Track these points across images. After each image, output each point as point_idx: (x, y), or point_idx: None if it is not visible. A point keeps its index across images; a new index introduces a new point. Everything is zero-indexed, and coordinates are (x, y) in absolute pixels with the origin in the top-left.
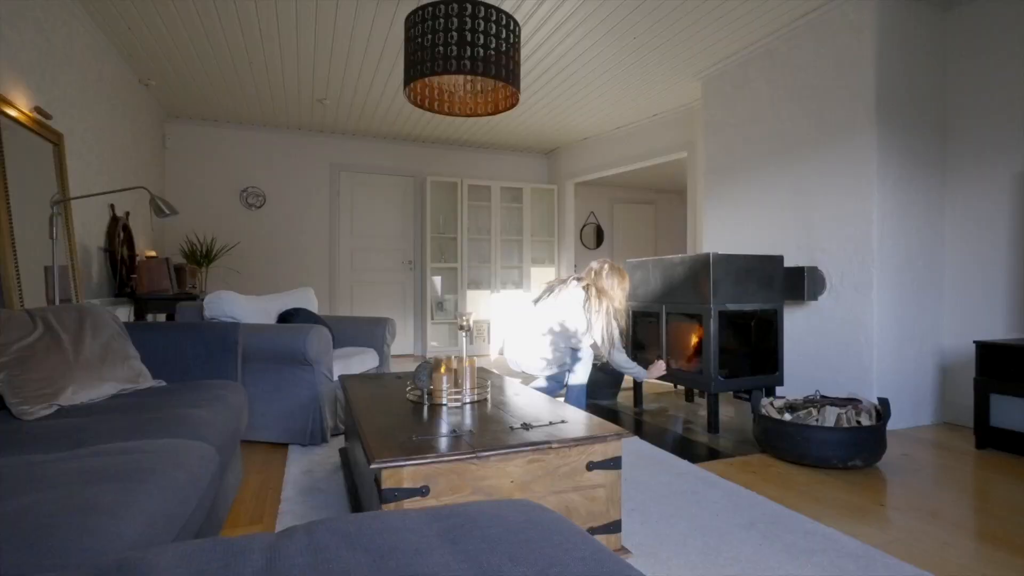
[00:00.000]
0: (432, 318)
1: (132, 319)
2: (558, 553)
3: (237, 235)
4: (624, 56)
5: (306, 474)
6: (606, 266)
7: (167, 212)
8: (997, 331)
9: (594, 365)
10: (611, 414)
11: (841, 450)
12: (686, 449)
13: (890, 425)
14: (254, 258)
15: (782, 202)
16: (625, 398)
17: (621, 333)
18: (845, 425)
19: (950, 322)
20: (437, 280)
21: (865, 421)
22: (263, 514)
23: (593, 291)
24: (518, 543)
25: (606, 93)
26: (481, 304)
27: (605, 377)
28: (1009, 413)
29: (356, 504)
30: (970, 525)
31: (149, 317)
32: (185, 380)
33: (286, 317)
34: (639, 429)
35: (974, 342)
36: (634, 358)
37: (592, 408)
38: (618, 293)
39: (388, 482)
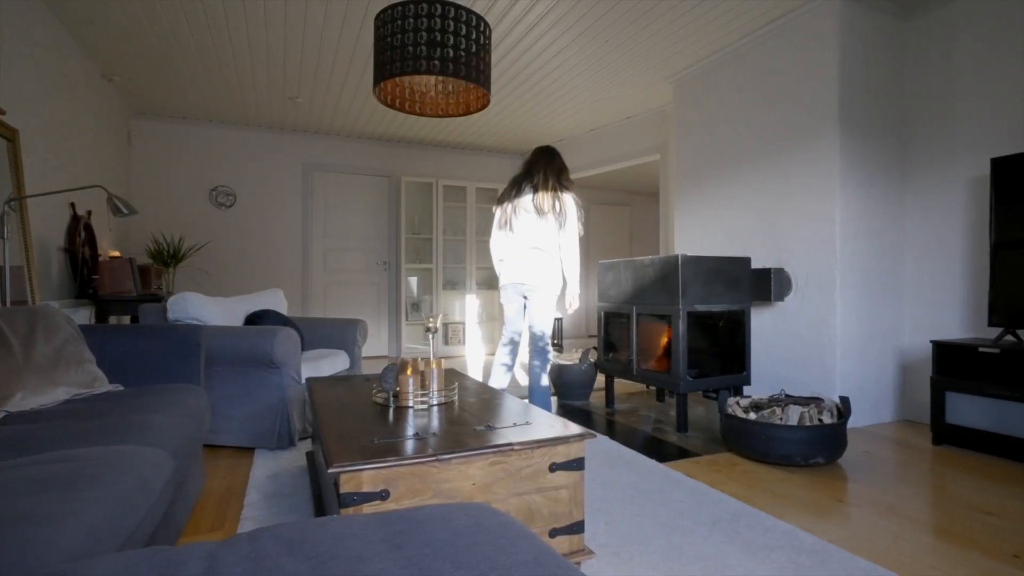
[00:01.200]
0: (407, 319)
1: (93, 321)
2: (501, 557)
3: (206, 235)
4: (597, 59)
5: (272, 478)
6: (538, 156)
7: (125, 211)
8: (953, 331)
9: (576, 366)
10: (583, 415)
11: (803, 448)
12: (655, 448)
13: (852, 423)
14: (224, 259)
15: (750, 204)
16: (597, 398)
17: (580, 211)
18: (808, 424)
19: (909, 322)
20: (413, 281)
21: (827, 419)
22: (224, 520)
23: (541, 180)
24: (463, 547)
25: (580, 95)
26: (456, 305)
27: (578, 377)
28: (964, 410)
29: (320, 508)
30: (924, 520)
31: (112, 319)
32: (144, 384)
33: (254, 319)
34: (611, 429)
35: (931, 342)
36: (607, 359)
37: (564, 409)
38: (554, 167)
39: (347, 486)
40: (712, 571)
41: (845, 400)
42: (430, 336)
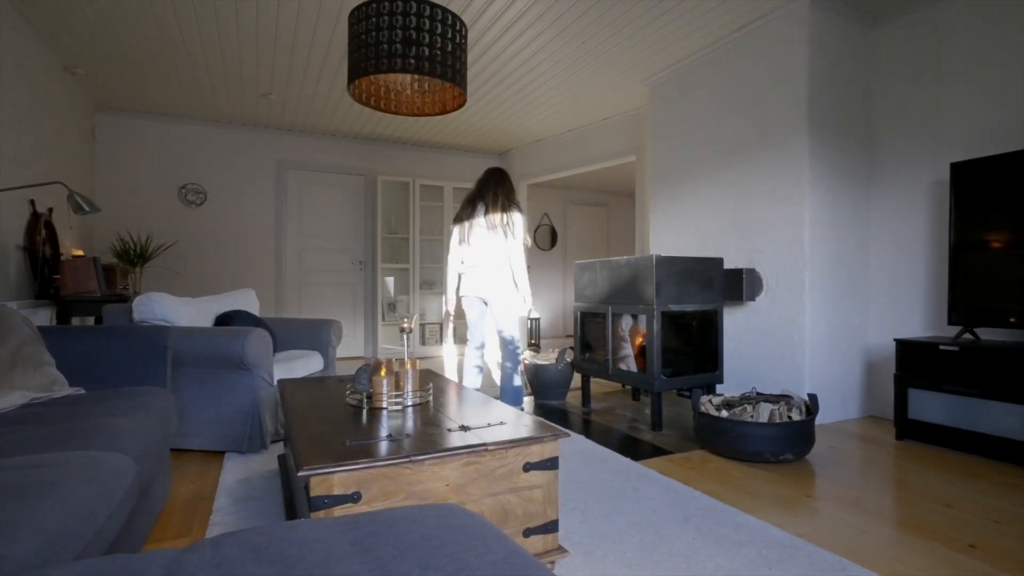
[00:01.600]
0: (383, 319)
1: (54, 322)
2: (470, 557)
3: (175, 234)
4: (573, 60)
5: (242, 483)
6: (488, 177)
7: (87, 209)
8: (916, 330)
9: (552, 366)
10: (560, 414)
11: (773, 444)
12: (630, 447)
13: (819, 419)
14: (194, 258)
15: (723, 205)
16: (574, 398)
17: (525, 221)
18: (777, 421)
19: (875, 321)
20: (390, 281)
21: (796, 416)
22: (192, 526)
23: (491, 199)
24: (431, 549)
25: (557, 96)
26: (434, 305)
27: (554, 377)
28: (925, 406)
29: (292, 512)
30: (887, 513)
31: (75, 320)
32: (108, 387)
33: (224, 320)
34: (587, 428)
35: (894, 340)
36: (583, 358)
37: (541, 408)
38: (504, 189)
39: (317, 489)
40: (684, 567)
41: (813, 397)
42: (404, 336)
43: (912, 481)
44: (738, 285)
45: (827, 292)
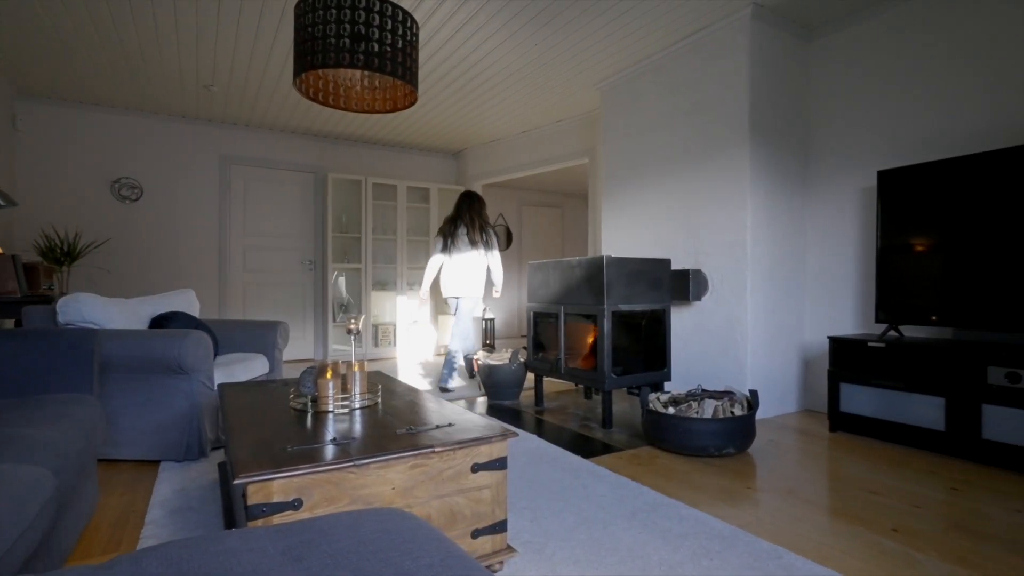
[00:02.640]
0: (334, 320)
1: None
2: (407, 562)
3: (107, 231)
4: (526, 62)
5: (179, 493)
6: (464, 201)
7: (1, 203)
8: (848, 327)
9: (506, 366)
10: (513, 413)
11: (717, 439)
12: (581, 445)
13: (760, 414)
14: (129, 257)
15: (671, 208)
16: (527, 397)
17: (497, 238)
18: (721, 416)
19: (810, 320)
20: (341, 281)
21: (738, 412)
22: (121, 541)
23: (468, 220)
24: (367, 555)
25: (510, 97)
26: (387, 306)
27: (508, 377)
28: (855, 399)
29: (231, 522)
30: (819, 502)
31: None
32: (25, 395)
33: (160, 322)
34: (539, 427)
35: (828, 337)
36: (536, 358)
37: (494, 408)
38: (476, 209)
39: (255, 497)
40: (630, 561)
41: (754, 393)
42: (352, 338)
43: (842, 471)
44: (685, 285)
45: (767, 292)
